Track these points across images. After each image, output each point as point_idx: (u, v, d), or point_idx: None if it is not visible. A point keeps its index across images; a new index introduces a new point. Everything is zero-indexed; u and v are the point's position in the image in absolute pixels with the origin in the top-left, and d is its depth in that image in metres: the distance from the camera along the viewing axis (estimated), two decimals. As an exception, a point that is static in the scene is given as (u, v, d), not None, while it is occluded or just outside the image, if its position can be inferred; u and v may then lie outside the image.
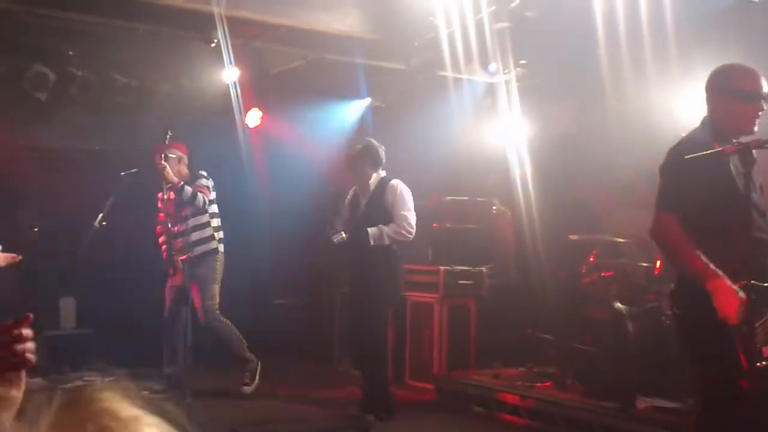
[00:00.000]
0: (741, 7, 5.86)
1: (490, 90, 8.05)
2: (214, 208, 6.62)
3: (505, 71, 7.77)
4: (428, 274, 7.04)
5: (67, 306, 7.43)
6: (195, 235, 6.37)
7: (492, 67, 7.65)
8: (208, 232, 6.44)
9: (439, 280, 6.92)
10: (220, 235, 6.56)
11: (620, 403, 5.13)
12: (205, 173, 6.59)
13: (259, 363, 6.60)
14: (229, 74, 7.80)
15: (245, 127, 8.27)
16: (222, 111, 8.12)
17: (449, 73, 7.57)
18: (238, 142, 8.27)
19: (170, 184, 6.28)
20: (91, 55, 7.07)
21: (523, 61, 7.74)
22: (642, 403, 5.19)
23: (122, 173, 6.40)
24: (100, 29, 6.80)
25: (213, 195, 6.61)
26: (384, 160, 6.03)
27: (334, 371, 7.74)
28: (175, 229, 6.41)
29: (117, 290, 6.99)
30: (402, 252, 5.88)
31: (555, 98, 7.79)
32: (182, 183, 6.18)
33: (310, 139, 8.51)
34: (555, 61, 7.31)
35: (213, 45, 7.53)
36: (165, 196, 6.41)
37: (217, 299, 6.45)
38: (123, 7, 6.52)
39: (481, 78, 8.03)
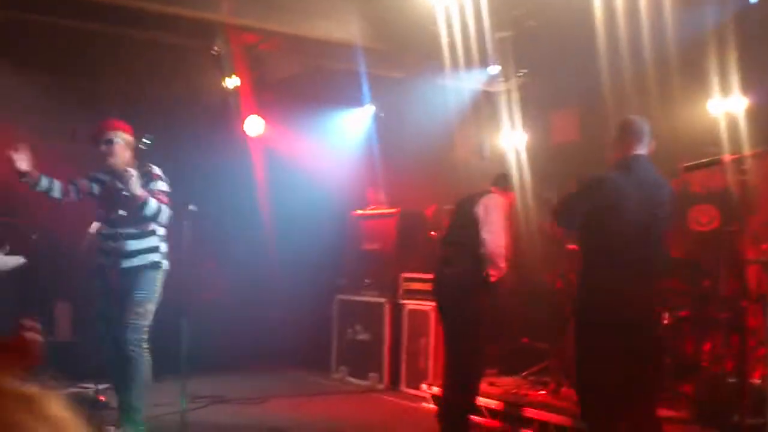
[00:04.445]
0: (739, 18, 5.87)
1: (491, 98, 8.04)
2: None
3: (506, 79, 7.77)
4: (425, 281, 6.99)
5: (63, 313, 7.43)
6: (133, 244, 5.08)
7: (492, 72, 7.64)
8: (153, 242, 5.12)
9: (437, 289, 6.87)
10: (165, 247, 5.19)
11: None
12: (158, 169, 5.15)
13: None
14: (230, 82, 7.84)
15: (245, 135, 8.28)
16: (222, 119, 8.14)
17: (449, 82, 7.57)
18: (238, 151, 8.27)
19: (114, 171, 5.04)
20: (90, 62, 7.10)
21: (524, 70, 7.74)
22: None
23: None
24: (100, 36, 6.84)
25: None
26: None
27: (330, 381, 7.71)
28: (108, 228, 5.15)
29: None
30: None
31: (556, 107, 7.78)
32: (146, 196, 4.92)
33: (312, 148, 8.51)
34: (556, 69, 7.31)
35: (214, 53, 7.58)
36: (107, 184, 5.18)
37: (150, 320, 5.06)
38: (124, 15, 6.56)
39: (481, 86, 8.03)
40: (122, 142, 5.06)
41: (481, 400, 5.84)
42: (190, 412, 5.51)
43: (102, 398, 6.23)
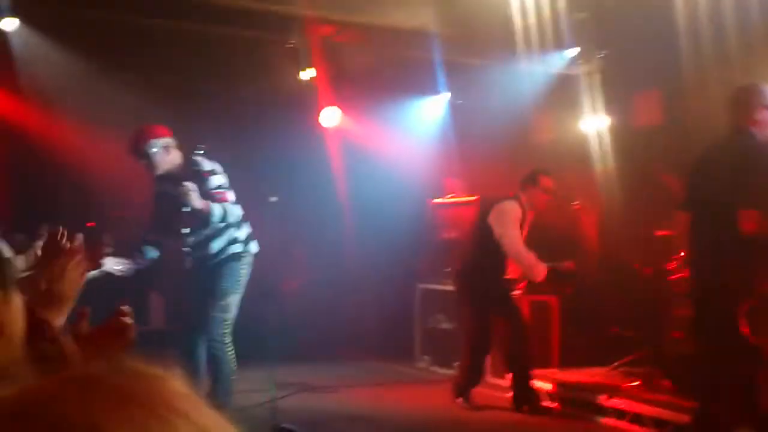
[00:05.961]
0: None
1: (570, 82, 7.88)
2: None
3: (586, 62, 7.61)
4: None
5: (157, 304, 7.66)
6: (214, 246, 4.93)
7: (570, 54, 7.49)
8: (231, 234, 4.96)
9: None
10: (246, 232, 5.05)
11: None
12: (205, 161, 4.87)
13: None
14: (305, 74, 7.89)
15: (322, 126, 8.34)
16: (299, 111, 8.21)
17: (526, 66, 7.45)
18: (315, 143, 8.35)
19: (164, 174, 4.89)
20: (172, 58, 7.25)
21: (604, 52, 7.56)
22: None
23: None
24: (180, 33, 6.97)
25: (231, 193, 4.97)
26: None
27: (414, 370, 7.73)
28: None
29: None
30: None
31: (637, 89, 7.58)
32: (208, 206, 4.69)
33: (388, 137, 8.52)
34: (637, 51, 7.11)
35: (290, 45, 7.65)
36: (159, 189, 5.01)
37: (233, 313, 4.98)
38: (200, 11, 6.66)
39: (559, 70, 7.88)
40: (160, 149, 4.84)
41: (570, 390, 5.78)
42: (278, 400, 5.61)
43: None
